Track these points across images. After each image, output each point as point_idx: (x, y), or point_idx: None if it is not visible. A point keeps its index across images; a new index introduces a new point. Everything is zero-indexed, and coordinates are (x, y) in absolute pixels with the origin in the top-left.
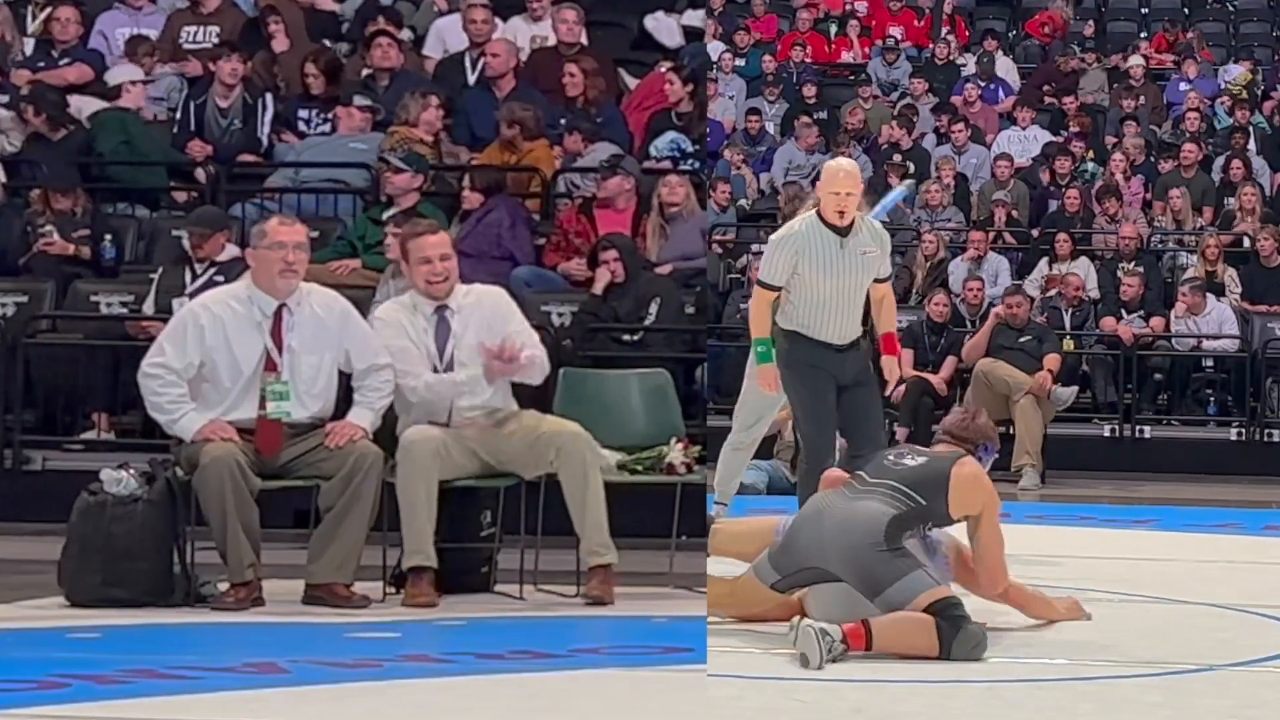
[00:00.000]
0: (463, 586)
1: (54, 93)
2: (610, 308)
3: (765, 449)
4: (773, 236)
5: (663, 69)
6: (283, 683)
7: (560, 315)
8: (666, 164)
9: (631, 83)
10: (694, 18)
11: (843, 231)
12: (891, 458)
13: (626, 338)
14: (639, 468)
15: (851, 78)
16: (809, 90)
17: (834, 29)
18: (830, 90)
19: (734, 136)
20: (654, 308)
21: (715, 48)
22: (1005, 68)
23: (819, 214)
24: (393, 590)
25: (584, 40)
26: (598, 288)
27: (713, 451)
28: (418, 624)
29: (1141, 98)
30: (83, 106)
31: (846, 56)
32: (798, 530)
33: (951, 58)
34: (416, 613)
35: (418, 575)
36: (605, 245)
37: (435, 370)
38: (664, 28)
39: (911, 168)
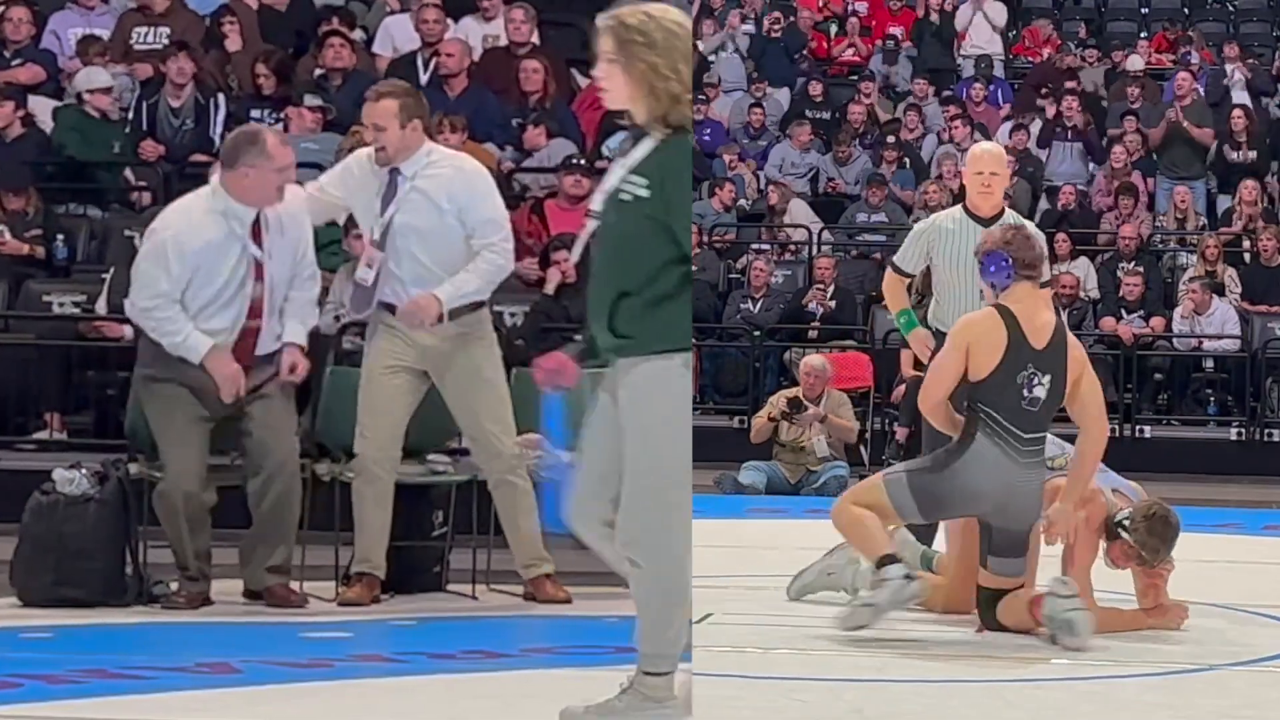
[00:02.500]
0: (415, 586)
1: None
2: (563, 308)
3: (765, 450)
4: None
5: None
6: (235, 682)
7: (512, 315)
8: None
9: (584, 82)
10: None
11: (985, 223)
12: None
13: (579, 337)
14: None
15: (853, 77)
16: (809, 89)
17: (834, 29)
18: (831, 89)
19: (734, 133)
20: None
21: (717, 42)
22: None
23: (965, 204)
24: (345, 589)
25: (535, 40)
26: (549, 288)
27: (700, 451)
28: (370, 624)
29: (1141, 89)
30: (35, 107)
31: (847, 55)
32: (980, 481)
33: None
34: (369, 612)
35: (359, 578)
36: (557, 245)
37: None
38: None
39: (909, 163)
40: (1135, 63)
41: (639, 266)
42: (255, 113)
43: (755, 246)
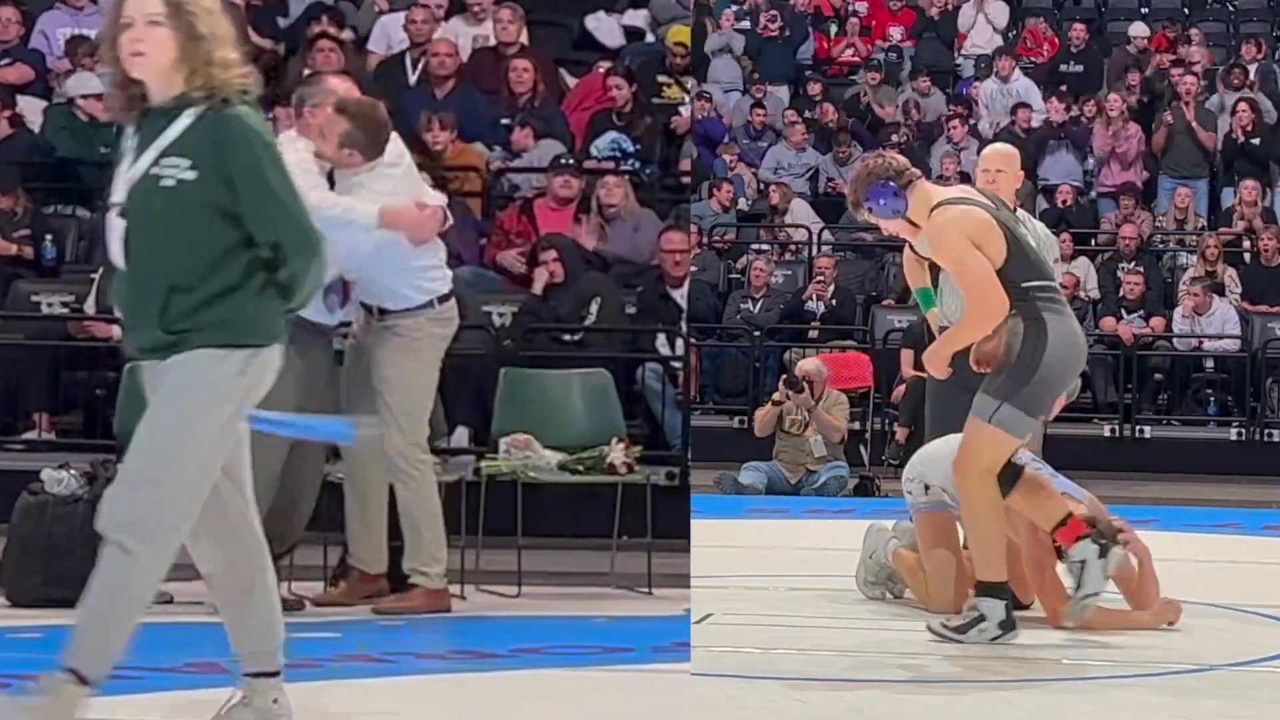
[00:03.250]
0: (401, 585)
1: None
2: (550, 308)
3: (766, 450)
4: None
5: (601, 69)
6: (223, 683)
7: (501, 315)
8: (608, 164)
9: (572, 83)
10: (635, 17)
11: None
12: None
13: (567, 338)
14: (580, 468)
15: (853, 77)
16: (809, 89)
17: (834, 28)
18: (831, 89)
19: (735, 133)
20: (594, 307)
21: (716, 42)
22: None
23: None
24: (335, 589)
25: (524, 40)
26: (537, 287)
27: (697, 452)
28: (358, 624)
29: (1143, 69)
30: (24, 107)
31: (847, 55)
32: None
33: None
34: (358, 613)
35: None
36: (545, 245)
37: None
38: (605, 27)
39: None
40: (1139, 29)
41: (194, 257)
42: None
43: (755, 247)
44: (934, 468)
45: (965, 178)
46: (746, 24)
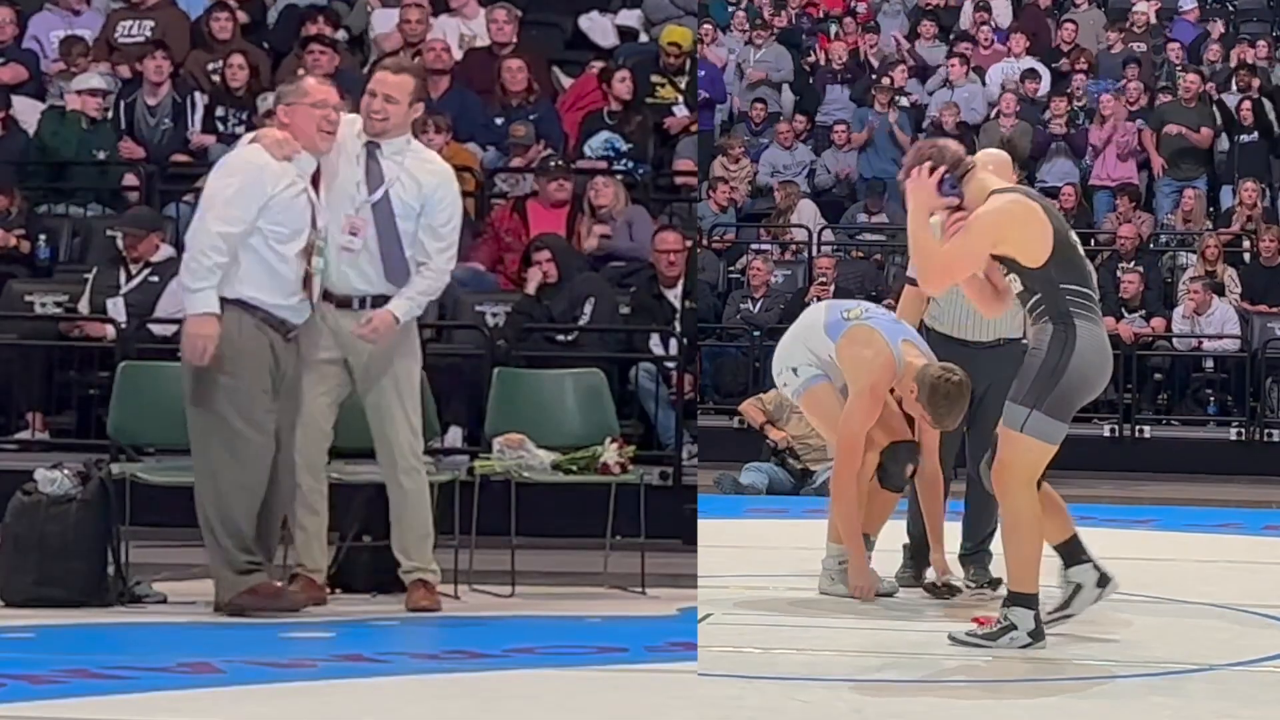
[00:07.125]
0: (396, 586)
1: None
2: (544, 308)
3: (766, 450)
4: None
5: (595, 69)
6: (217, 683)
7: (494, 315)
8: (601, 164)
9: (566, 82)
10: (629, 17)
11: None
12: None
13: (561, 338)
14: (574, 468)
15: (850, 76)
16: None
17: (834, 28)
18: (829, 87)
19: (737, 129)
20: (588, 307)
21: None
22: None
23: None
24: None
25: (516, 39)
26: (530, 287)
27: (700, 452)
28: (352, 624)
29: (1141, 46)
30: (18, 106)
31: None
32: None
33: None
34: (351, 613)
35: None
36: (538, 246)
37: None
38: (598, 27)
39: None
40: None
41: None
42: (221, 110)
43: (755, 246)
44: (789, 352)
45: None
46: (745, 24)
